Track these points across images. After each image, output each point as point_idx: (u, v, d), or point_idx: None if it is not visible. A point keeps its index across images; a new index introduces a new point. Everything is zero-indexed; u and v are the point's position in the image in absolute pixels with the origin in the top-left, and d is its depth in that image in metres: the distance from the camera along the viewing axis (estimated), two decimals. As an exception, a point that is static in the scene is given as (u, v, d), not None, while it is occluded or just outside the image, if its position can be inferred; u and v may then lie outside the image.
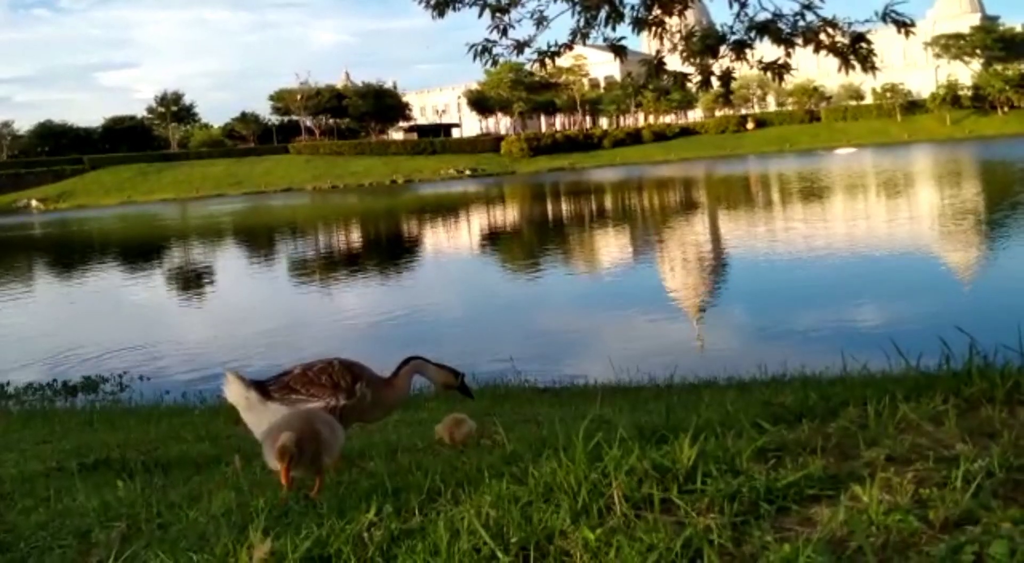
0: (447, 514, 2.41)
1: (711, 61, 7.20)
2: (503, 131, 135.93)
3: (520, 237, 34.92)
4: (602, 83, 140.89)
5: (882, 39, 7.28)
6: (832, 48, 6.74)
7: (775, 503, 2.16)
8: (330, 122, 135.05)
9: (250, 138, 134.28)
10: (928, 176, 48.94)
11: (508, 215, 48.14)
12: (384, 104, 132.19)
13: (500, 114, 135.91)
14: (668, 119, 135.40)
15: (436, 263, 27.99)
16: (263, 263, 32.24)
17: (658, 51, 7.62)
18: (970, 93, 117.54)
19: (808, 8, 6.58)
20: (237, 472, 3.89)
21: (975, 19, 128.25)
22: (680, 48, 7.27)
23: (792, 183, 51.06)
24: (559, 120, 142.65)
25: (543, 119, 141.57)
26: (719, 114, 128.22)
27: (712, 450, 2.46)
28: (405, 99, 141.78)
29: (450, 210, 52.96)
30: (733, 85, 7.73)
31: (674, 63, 7.64)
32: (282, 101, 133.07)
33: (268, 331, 16.57)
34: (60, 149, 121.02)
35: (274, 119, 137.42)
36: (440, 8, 7.03)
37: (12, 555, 2.97)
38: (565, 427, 3.32)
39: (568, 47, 7.21)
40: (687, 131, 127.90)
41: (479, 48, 7.05)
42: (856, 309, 14.24)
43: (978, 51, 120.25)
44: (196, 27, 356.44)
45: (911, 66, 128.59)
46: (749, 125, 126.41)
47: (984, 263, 18.67)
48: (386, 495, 2.72)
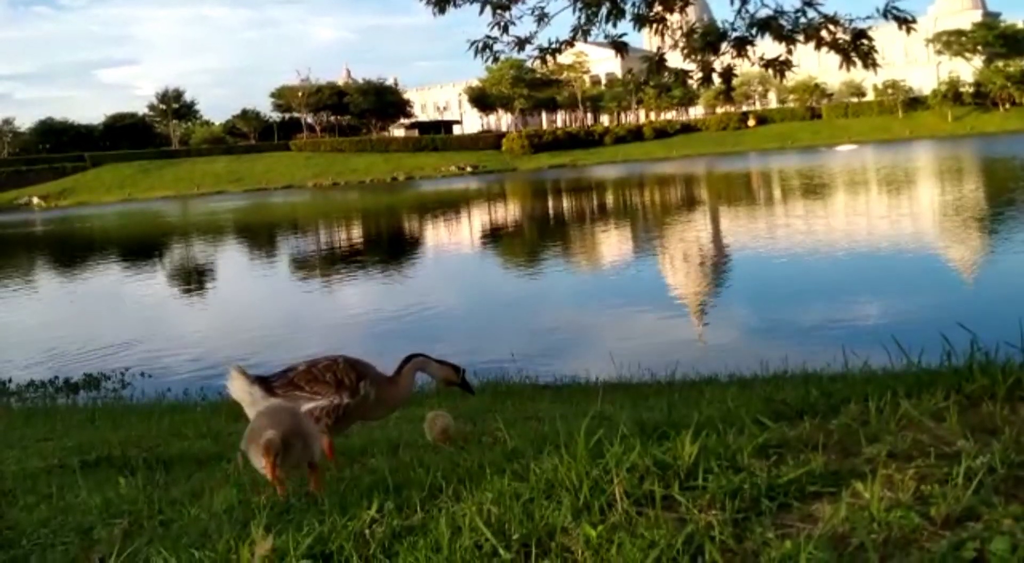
0: (449, 510, 2.41)
1: (712, 58, 7.20)
2: (504, 128, 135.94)
3: (521, 234, 34.90)
4: (603, 80, 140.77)
5: (883, 36, 7.29)
6: (833, 45, 6.74)
7: (776, 500, 2.16)
8: (331, 119, 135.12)
9: (251, 135, 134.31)
10: (930, 173, 48.87)
11: (509, 212, 48.09)
12: (385, 101, 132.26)
13: (501, 111, 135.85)
14: (669, 116, 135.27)
15: (437, 260, 27.97)
16: (264, 260, 32.25)
17: (659, 48, 7.62)
18: (971, 90, 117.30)
19: (809, 5, 6.58)
20: (239, 469, 3.89)
21: (976, 16, 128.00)
22: (681, 45, 7.27)
23: (793, 180, 50.98)
24: (560, 117, 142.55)
25: (544, 116, 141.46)
26: (720, 111, 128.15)
27: (713, 446, 2.46)
28: (406, 96, 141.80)
29: (451, 207, 52.90)
30: (734, 82, 7.74)
31: (675, 60, 7.64)
32: (283, 98, 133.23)
33: (269, 328, 16.57)
34: (61, 146, 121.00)
35: (275, 116, 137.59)
36: (441, 5, 7.03)
37: (15, 552, 2.97)
38: (566, 424, 3.32)
39: (569, 44, 7.22)
40: (688, 128, 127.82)
41: (480, 45, 7.06)
42: (857, 305, 14.23)
43: (979, 48, 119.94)
44: (196, 24, 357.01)
45: (912, 63, 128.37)
46: (750, 122, 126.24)
47: (986, 259, 18.64)
48: (388, 492, 2.72)
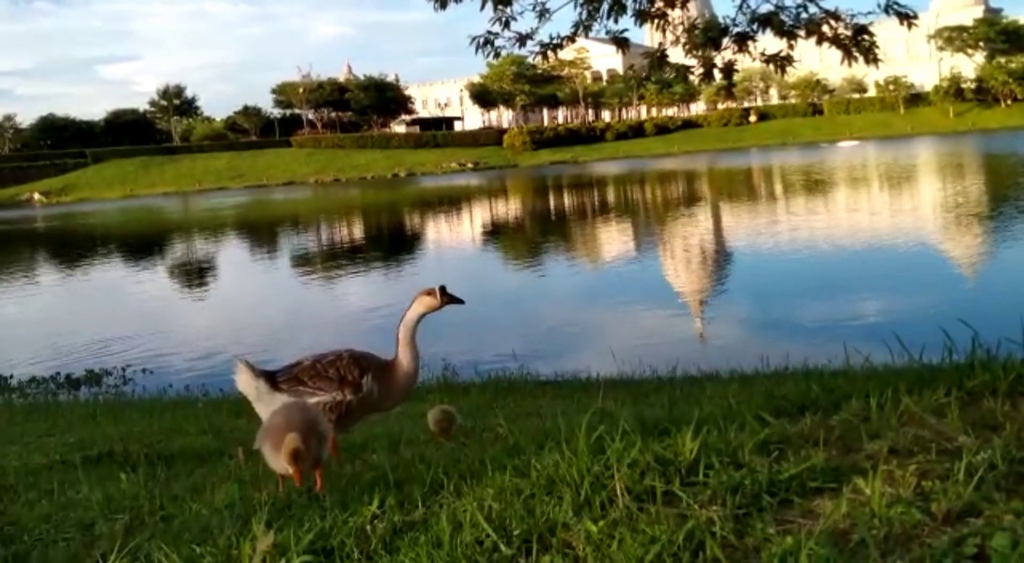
0: (450, 506, 2.41)
1: (713, 53, 7.20)
2: (505, 124, 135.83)
3: (522, 230, 34.89)
4: (604, 76, 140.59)
5: (885, 31, 7.28)
6: (835, 40, 6.74)
7: (777, 495, 2.16)
8: (332, 115, 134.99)
9: (252, 131, 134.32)
10: (931, 169, 48.83)
11: (510, 208, 48.07)
12: (386, 97, 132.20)
13: (502, 107, 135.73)
14: (670, 112, 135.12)
15: (438, 257, 27.97)
16: (266, 256, 32.25)
17: (660, 43, 7.61)
18: (973, 86, 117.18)
19: (811, 0, 6.58)
20: (240, 465, 3.90)
21: (978, 12, 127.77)
22: (683, 40, 7.28)
23: (794, 176, 50.94)
24: (561, 113, 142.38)
25: (545, 112, 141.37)
26: (721, 107, 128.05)
27: (714, 443, 2.46)
28: (407, 92, 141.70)
29: (452, 203, 52.88)
30: (735, 78, 7.75)
31: (677, 55, 7.64)
32: (284, 94, 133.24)
33: (270, 324, 16.58)
34: (62, 142, 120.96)
35: (276, 112, 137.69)
36: (442, 0, 7.03)
37: (16, 547, 2.97)
38: (567, 420, 3.32)
39: (570, 39, 7.23)
40: (689, 124, 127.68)
41: (481, 41, 7.06)
42: (859, 302, 14.22)
43: (981, 44, 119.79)
44: (197, 19, 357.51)
45: (914, 59, 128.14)
46: (752, 118, 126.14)
47: (987, 256, 18.64)
48: (389, 487, 2.72)
